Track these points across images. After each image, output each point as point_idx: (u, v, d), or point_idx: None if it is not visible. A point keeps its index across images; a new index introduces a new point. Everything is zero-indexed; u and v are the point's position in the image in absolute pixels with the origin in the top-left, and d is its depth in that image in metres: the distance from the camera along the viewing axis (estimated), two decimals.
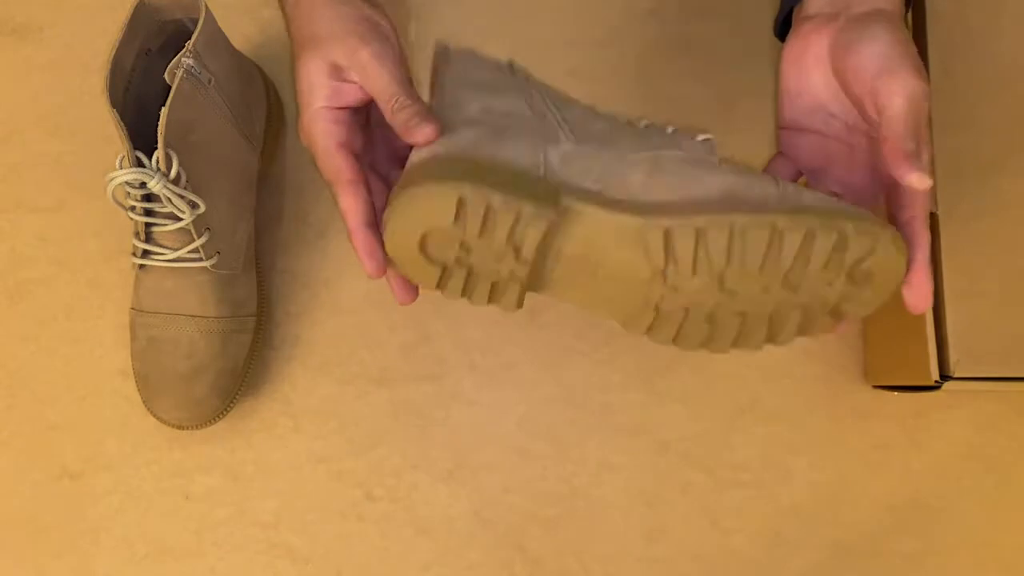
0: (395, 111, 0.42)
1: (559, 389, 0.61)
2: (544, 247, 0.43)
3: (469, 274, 0.43)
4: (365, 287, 0.63)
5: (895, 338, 0.58)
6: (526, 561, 0.59)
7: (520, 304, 0.45)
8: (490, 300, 0.44)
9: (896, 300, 0.42)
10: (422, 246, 0.42)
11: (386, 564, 0.59)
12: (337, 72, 0.43)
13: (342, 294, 0.63)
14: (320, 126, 0.44)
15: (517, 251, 0.42)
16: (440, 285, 0.43)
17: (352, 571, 0.59)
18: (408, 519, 0.60)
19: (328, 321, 0.62)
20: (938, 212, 0.53)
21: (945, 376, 0.52)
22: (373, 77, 0.43)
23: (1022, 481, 0.61)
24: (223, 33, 0.53)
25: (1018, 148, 0.54)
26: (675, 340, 0.44)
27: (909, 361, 0.55)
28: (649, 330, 0.44)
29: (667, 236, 0.42)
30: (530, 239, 0.42)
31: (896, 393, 0.61)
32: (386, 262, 0.43)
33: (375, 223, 0.43)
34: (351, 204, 0.43)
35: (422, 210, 0.41)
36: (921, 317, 0.53)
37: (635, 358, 0.62)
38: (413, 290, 0.45)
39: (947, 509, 0.60)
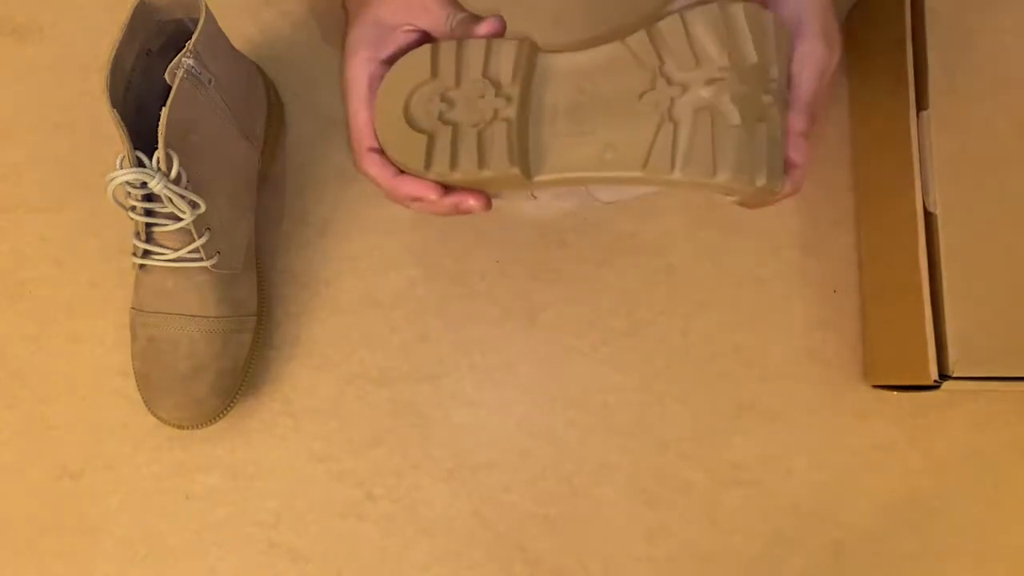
0: (454, 25, 0.45)
1: (559, 389, 0.61)
2: (524, 79, 0.42)
3: (454, 132, 0.42)
4: (365, 287, 0.63)
5: (894, 338, 0.58)
6: (526, 561, 0.59)
7: (514, 159, 0.41)
8: (480, 162, 0.42)
9: (896, 301, 0.42)
10: (407, 113, 0.43)
11: (386, 564, 0.59)
12: (380, 25, 0.46)
13: (342, 294, 0.63)
14: (355, 86, 0.46)
15: (497, 84, 0.42)
16: (428, 159, 0.42)
17: (352, 571, 0.59)
18: (408, 519, 0.60)
19: (328, 321, 0.62)
20: (938, 212, 0.53)
21: (944, 376, 0.52)
22: (430, 7, 0.46)
23: (1022, 481, 0.61)
24: (223, 33, 0.53)
25: (1018, 148, 0.54)
26: (718, 164, 0.39)
27: (908, 361, 0.55)
28: (677, 159, 0.40)
29: (651, 34, 0.41)
30: (504, 65, 0.42)
31: (895, 393, 0.61)
32: (431, 185, 0.44)
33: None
34: (378, 169, 0.45)
35: (402, 75, 0.44)
36: (920, 317, 0.53)
37: (635, 358, 0.62)
38: (483, 195, 0.45)
39: (946, 509, 0.60)
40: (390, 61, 0.46)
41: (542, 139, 0.43)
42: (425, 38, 0.47)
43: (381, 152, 0.45)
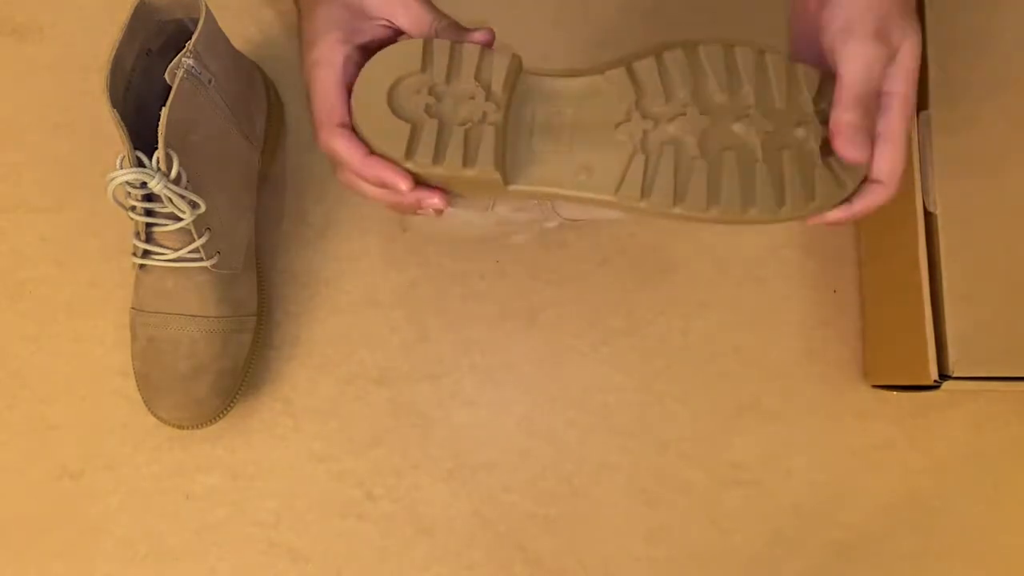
0: (439, 30, 0.45)
1: (559, 389, 0.61)
2: (513, 87, 0.44)
3: (440, 126, 0.42)
4: (365, 287, 0.63)
5: (894, 338, 0.58)
6: (526, 561, 0.59)
7: (498, 163, 0.42)
8: (465, 160, 0.42)
9: (896, 301, 0.42)
10: (391, 100, 0.43)
11: (386, 564, 0.59)
12: (357, 12, 0.45)
13: (342, 294, 0.63)
14: (328, 62, 0.44)
15: (488, 89, 0.43)
16: (410, 148, 0.42)
17: (352, 571, 0.59)
18: (408, 519, 0.60)
19: (328, 321, 0.62)
20: (938, 212, 0.53)
21: (944, 376, 0.52)
22: (412, 7, 0.45)
23: (1021, 481, 0.61)
24: (223, 33, 0.53)
25: (1018, 148, 0.54)
26: (679, 199, 0.42)
27: (908, 361, 0.55)
28: (645, 190, 0.42)
29: (630, 71, 0.44)
30: (497, 72, 0.43)
31: (895, 393, 0.61)
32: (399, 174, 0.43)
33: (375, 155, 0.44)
34: (348, 145, 0.43)
35: (391, 61, 0.43)
36: (920, 317, 0.53)
37: (635, 358, 0.62)
38: (446, 196, 0.45)
39: (946, 508, 0.60)
40: (364, 49, 0.45)
41: (519, 151, 0.44)
42: (397, 37, 0.46)
43: (352, 129, 0.44)
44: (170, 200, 0.50)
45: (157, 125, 0.48)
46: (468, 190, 0.46)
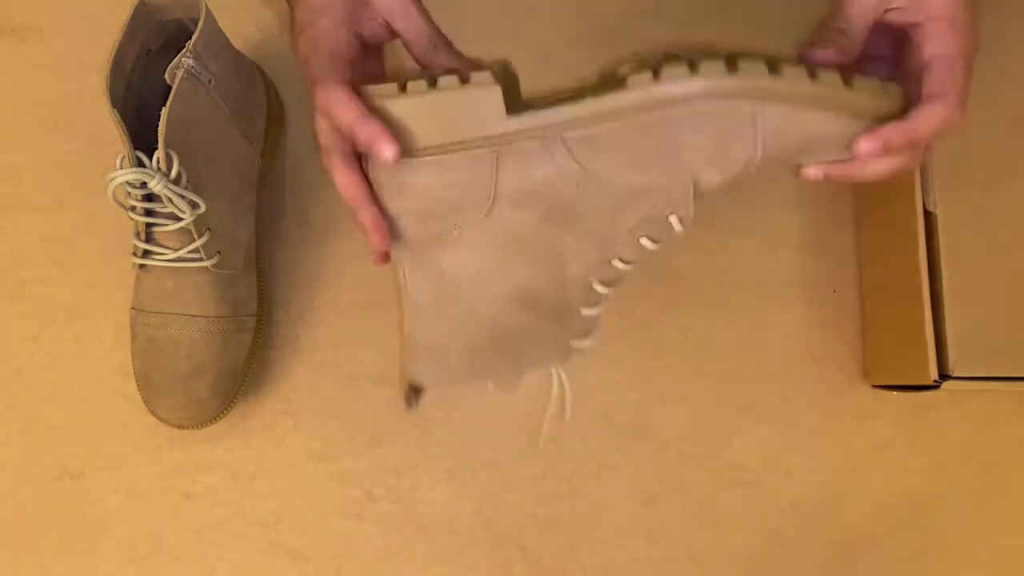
0: (433, 50, 0.44)
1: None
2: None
3: (431, 80, 0.41)
4: (365, 287, 0.63)
5: (894, 338, 0.58)
6: (526, 561, 0.59)
7: (497, 79, 0.41)
8: (462, 78, 0.40)
9: (896, 301, 0.42)
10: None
11: (386, 564, 0.59)
12: (360, 4, 0.44)
13: (342, 294, 0.63)
14: (332, 36, 0.43)
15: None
16: (404, 83, 0.41)
17: (352, 571, 0.59)
18: (408, 519, 0.60)
19: (328, 321, 0.62)
20: (938, 212, 0.53)
21: (944, 376, 0.52)
22: (413, 16, 0.44)
23: (1021, 481, 0.61)
24: (223, 33, 0.53)
25: (1018, 148, 0.54)
26: (691, 74, 0.40)
27: (908, 361, 0.55)
28: (656, 74, 0.40)
29: (640, 62, 0.43)
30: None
31: (895, 393, 0.61)
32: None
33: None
34: (348, 97, 0.42)
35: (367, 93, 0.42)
36: (920, 317, 0.53)
37: (635, 358, 0.62)
38: (385, 245, 0.45)
39: (945, 508, 0.60)
40: (363, 41, 0.44)
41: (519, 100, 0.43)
42: (391, 38, 0.46)
43: (351, 88, 0.42)
44: (170, 200, 0.50)
45: (157, 125, 0.48)
46: (461, 128, 0.42)
